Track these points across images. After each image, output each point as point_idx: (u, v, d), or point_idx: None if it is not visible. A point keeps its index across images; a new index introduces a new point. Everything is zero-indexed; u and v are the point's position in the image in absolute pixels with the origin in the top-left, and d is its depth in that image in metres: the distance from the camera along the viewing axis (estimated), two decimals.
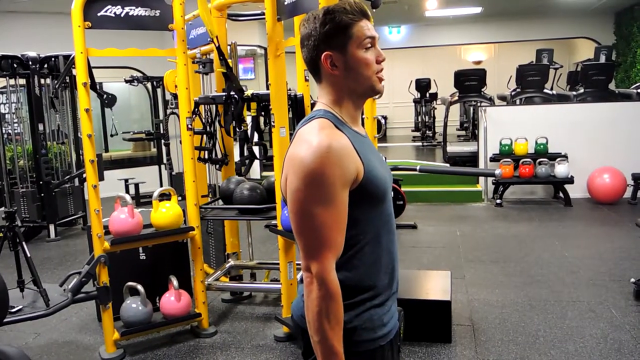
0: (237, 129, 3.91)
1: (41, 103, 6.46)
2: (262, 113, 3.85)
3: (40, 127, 6.44)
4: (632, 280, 4.13)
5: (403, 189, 6.57)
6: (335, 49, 1.41)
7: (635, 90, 8.63)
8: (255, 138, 3.99)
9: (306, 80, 3.73)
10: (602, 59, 9.97)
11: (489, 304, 4.11)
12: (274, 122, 3.47)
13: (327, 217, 1.32)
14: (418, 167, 6.66)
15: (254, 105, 3.83)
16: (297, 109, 3.72)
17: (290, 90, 3.78)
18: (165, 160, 8.60)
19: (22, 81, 6.57)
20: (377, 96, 1.49)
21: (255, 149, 4.03)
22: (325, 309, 1.33)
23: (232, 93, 3.79)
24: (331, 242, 1.33)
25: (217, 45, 3.75)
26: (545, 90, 9.02)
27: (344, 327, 1.39)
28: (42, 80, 6.52)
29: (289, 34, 3.56)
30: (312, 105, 4.08)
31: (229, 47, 4.19)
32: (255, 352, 3.53)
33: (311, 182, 1.31)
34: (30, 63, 6.31)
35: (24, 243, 3.34)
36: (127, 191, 8.46)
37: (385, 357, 1.49)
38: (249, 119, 4.00)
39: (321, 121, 1.39)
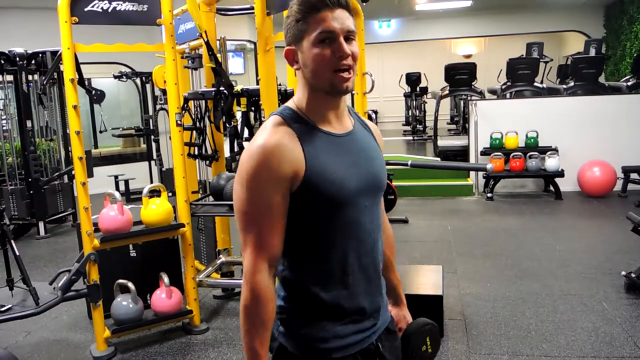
0: (227, 125, 3.89)
1: (29, 99, 6.40)
2: (252, 108, 3.82)
3: (29, 123, 6.37)
4: (623, 273, 4.15)
5: (394, 183, 6.56)
6: (294, 44, 1.34)
7: (625, 83, 8.68)
8: (246, 134, 3.96)
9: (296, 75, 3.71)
10: (592, 52, 10.02)
11: (480, 298, 4.12)
12: (264, 117, 3.44)
13: (257, 217, 1.29)
14: (410, 162, 6.67)
15: (243, 100, 3.81)
16: None
17: (280, 85, 3.76)
18: (155, 156, 8.56)
19: (10, 77, 6.50)
20: (338, 95, 1.36)
21: (246, 145, 4.01)
22: (249, 309, 1.30)
23: (221, 88, 3.76)
24: (261, 243, 1.30)
25: (206, 40, 3.72)
26: (535, 84, 9.04)
27: (295, 332, 1.38)
28: (30, 77, 6.47)
29: (279, 29, 3.53)
30: None
31: (218, 42, 4.16)
32: None
33: (243, 182, 1.29)
34: (17, 59, 6.23)
35: (12, 241, 3.31)
36: (117, 187, 8.43)
37: None
38: (238, 115, 3.97)
39: (272, 119, 1.35)
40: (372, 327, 1.45)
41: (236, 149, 3.93)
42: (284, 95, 3.65)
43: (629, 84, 8.59)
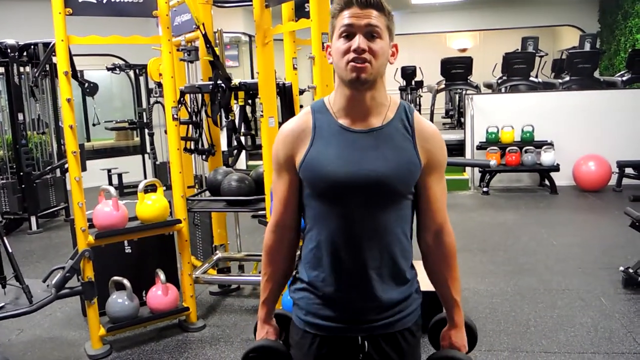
0: (225, 119, 3.83)
1: (21, 92, 6.31)
2: (250, 102, 3.77)
3: (20, 116, 6.27)
4: (621, 268, 4.13)
5: None
6: (330, 39, 1.46)
7: (619, 78, 8.68)
8: (243, 128, 3.90)
9: (294, 68, 3.65)
10: (587, 47, 10.00)
11: (478, 294, 4.10)
12: (262, 111, 3.40)
13: (274, 187, 1.54)
14: None
15: (241, 94, 3.74)
16: (286, 98, 3.64)
17: (278, 79, 3.70)
18: (149, 150, 8.48)
19: (1, 69, 6.41)
20: (355, 85, 1.39)
21: (243, 139, 3.95)
22: (262, 261, 1.60)
23: (219, 82, 3.70)
24: (274, 207, 1.55)
25: (203, 32, 3.65)
26: (531, 78, 9.03)
27: (294, 299, 1.56)
28: (22, 69, 6.36)
29: (277, 21, 3.48)
30: (301, 93, 4.03)
31: (215, 35, 4.09)
32: (245, 345, 3.46)
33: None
34: (9, 51, 6.13)
35: (4, 238, 3.24)
36: (110, 181, 8.34)
37: (310, 347, 1.49)
38: (236, 108, 3.91)
39: (304, 108, 1.53)
40: (357, 323, 1.47)
41: (233, 143, 3.87)
42: (283, 89, 3.60)
43: (623, 78, 8.60)
